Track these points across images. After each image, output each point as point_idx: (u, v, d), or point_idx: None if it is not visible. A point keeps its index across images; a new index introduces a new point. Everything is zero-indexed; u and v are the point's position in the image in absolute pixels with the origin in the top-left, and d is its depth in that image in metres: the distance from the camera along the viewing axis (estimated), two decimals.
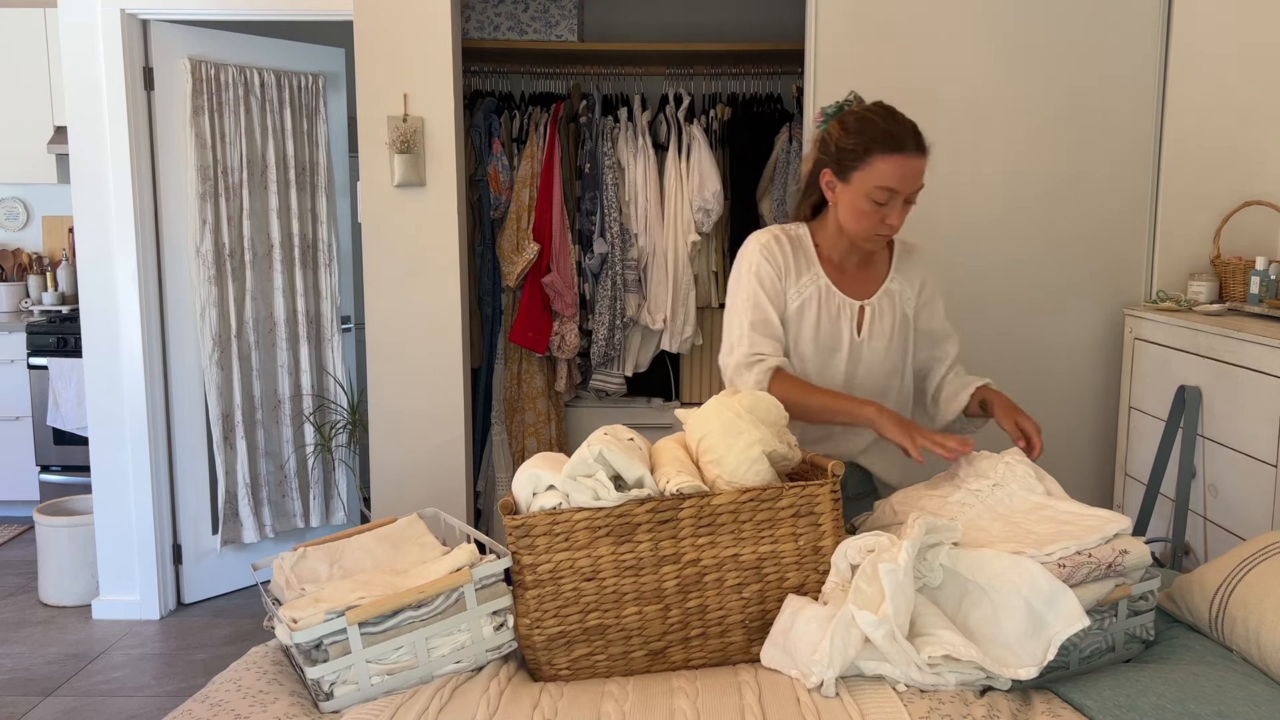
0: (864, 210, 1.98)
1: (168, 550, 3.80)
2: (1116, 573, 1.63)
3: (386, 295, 3.28)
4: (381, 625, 1.63)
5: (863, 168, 1.96)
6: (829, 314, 2.09)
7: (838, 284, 2.10)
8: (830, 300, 2.09)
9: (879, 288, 2.13)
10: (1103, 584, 1.62)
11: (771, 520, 1.74)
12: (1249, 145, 3.02)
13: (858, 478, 2.22)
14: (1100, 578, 1.62)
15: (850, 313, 2.10)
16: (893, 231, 2.00)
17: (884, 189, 1.95)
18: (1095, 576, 1.61)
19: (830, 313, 2.09)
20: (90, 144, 3.57)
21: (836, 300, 2.09)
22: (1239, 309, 2.81)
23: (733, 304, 2.09)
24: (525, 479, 1.75)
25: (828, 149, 2.03)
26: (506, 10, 3.77)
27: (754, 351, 2.03)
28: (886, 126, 1.98)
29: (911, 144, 1.97)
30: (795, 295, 2.08)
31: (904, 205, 1.99)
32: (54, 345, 4.61)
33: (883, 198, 1.96)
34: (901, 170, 1.95)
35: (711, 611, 1.74)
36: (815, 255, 2.10)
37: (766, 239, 2.09)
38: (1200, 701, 1.49)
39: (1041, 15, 3.03)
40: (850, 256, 2.12)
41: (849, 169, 1.99)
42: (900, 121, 2.00)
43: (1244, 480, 2.48)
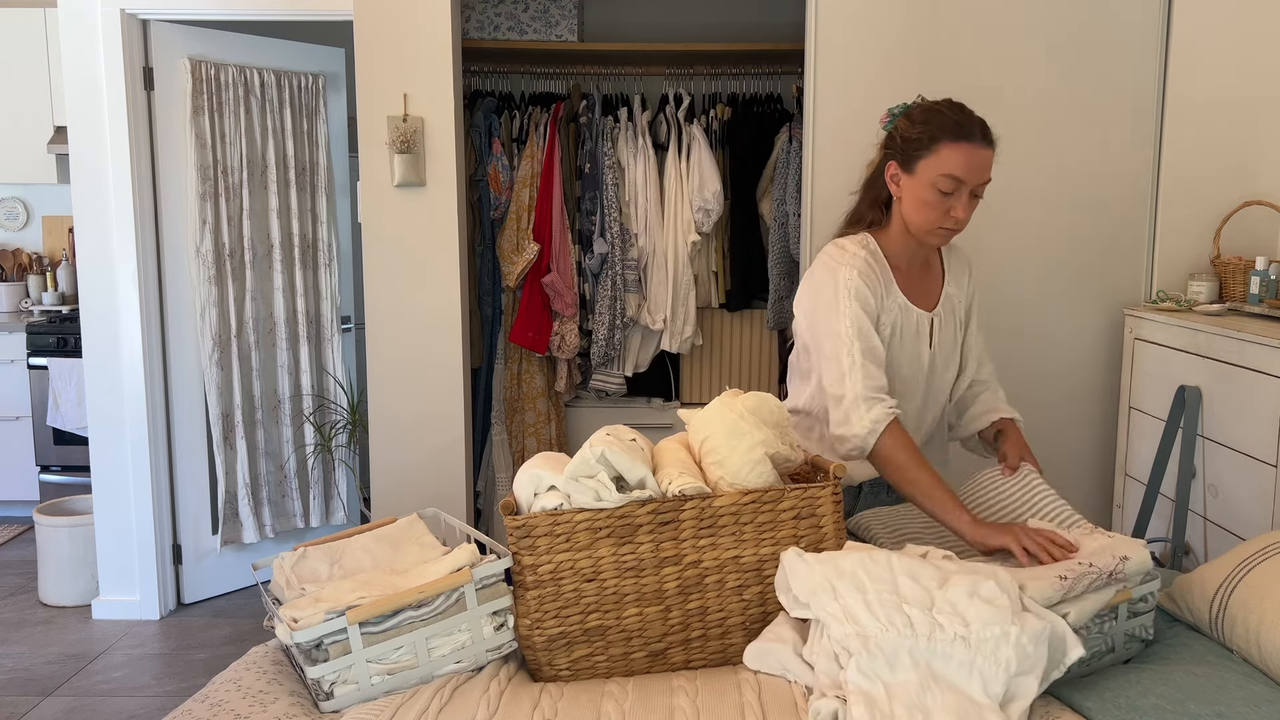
0: (929, 201, 1.95)
1: (168, 550, 3.80)
2: (1117, 579, 1.63)
3: (386, 295, 3.28)
4: (382, 625, 1.63)
5: (929, 156, 1.94)
6: (910, 333, 2.06)
7: (910, 296, 2.07)
8: (909, 318, 2.06)
9: (940, 294, 2.12)
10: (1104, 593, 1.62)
11: (773, 522, 1.74)
12: (1249, 145, 3.02)
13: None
14: (1102, 587, 1.61)
15: (925, 327, 2.08)
16: (958, 225, 1.96)
17: (950, 177, 1.92)
18: (1097, 586, 1.60)
19: (911, 331, 2.06)
20: (90, 144, 3.57)
21: (914, 317, 2.06)
22: (1239, 309, 2.81)
23: (833, 328, 1.97)
24: (526, 479, 1.75)
25: (894, 143, 2.01)
26: (506, 10, 3.77)
27: (875, 386, 1.93)
28: (954, 116, 1.97)
29: (979, 134, 1.95)
30: (886, 319, 2.03)
31: (970, 199, 1.95)
32: (54, 345, 4.61)
33: (948, 187, 1.93)
34: (968, 159, 1.92)
35: (712, 613, 1.74)
36: (890, 270, 2.04)
37: (861, 263, 1.99)
38: (1200, 701, 1.49)
39: (1041, 15, 3.03)
40: (915, 259, 2.09)
41: (915, 158, 1.96)
42: (968, 113, 1.99)
43: (1244, 480, 2.48)
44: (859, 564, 1.58)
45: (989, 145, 1.96)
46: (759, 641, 1.70)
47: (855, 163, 3.08)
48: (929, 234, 1.99)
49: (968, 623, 1.48)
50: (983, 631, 1.47)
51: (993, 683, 1.45)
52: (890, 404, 1.93)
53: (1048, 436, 3.16)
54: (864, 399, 1.92)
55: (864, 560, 1.59)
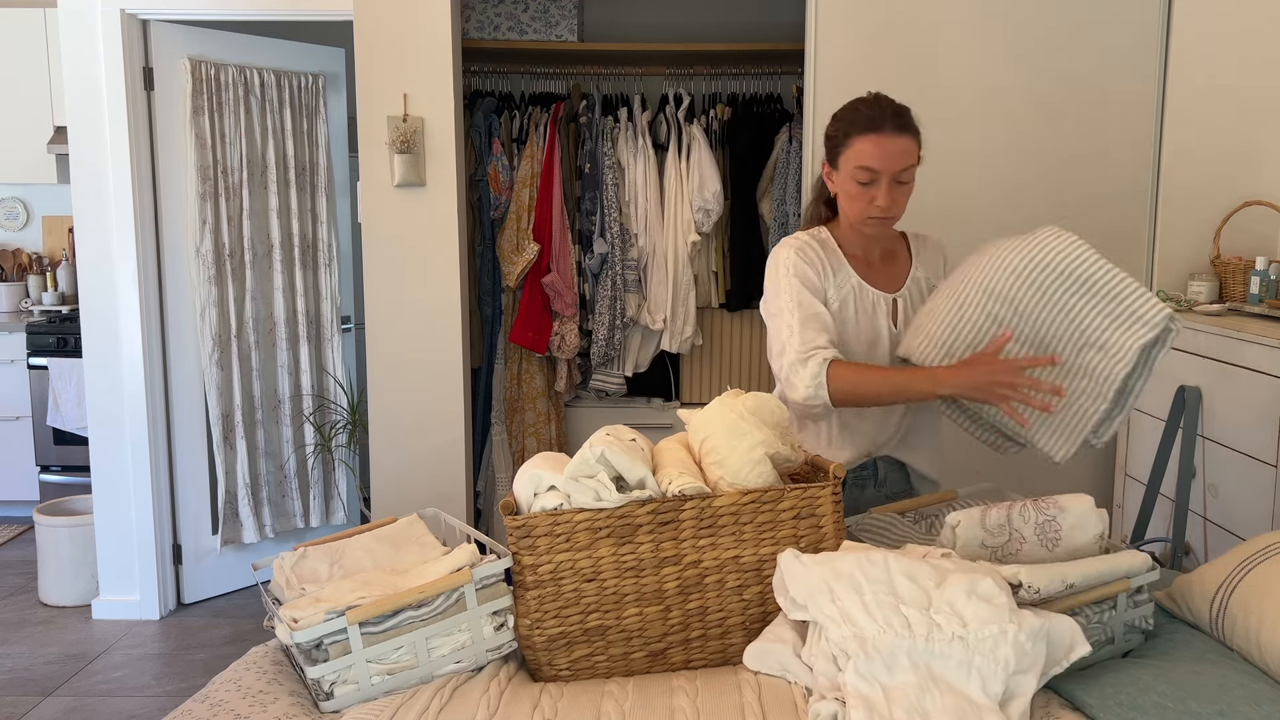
0: (853, 193, 2.02)
1: (168, 550, 3.80)
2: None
3: (386, 295, 3.28)
4: (382, 625, 1.63)
5: (846, 150, 2.01)
6: (865, 310, 2.10)
7: (868, 279, 2.12)
8: (864, 297, 2.10)
9: (906, 279, 2.15)
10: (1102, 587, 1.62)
11: (773, 522, 1.74)
12: (1249, 145, 3.02)
13: (896, 475, 2.22)
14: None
15: (885, 306, 2.12)
16: (883, 212, 2.00)
17: (864, 169, 1.98)
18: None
19: (866, 309, 2.10)
20: (90, 144, 3.57)
21: (870, 296, 2.11)
22: (1239, 309, 2.81)
23: (775, 308, 2.06)
24: (526, 479, 1.75)
25: (825, 142, 2.09)
26: (506, 10, 3.77)
27: (808, 346, 1.98)
28: (867, 110, 2.02)
29: (890, 124, 1.99)
30: (834, 295, 2.08)
31: (893, 185, 1.99)
32: (54, 345, 4.61)
33: (865, 178, 1.99)
34: (878, 149, 1.97)
35: (712, 613, 1.74)
36: (842, 255, 2.12)
37: (799, 244, 2.10)
38: (1201, 700, 1.49)
39: (1042, 15, 3.03)
40: (872, 250, 2.14)
41: (837, 154, 2.04)
42: (883, 105, 2.03)
43: (1244, 480, 2.48)
44: (856, 565, 1.58)
45: (904, 133, 2.00)
46: (759, 642, 1.70)
47: None
48: (861, 224, 2.05)
49: (965, 622, 1.48)
50: (980, 630, 1.47)
51: (991, 682, 1.45)
52: (824, 355, 1.96)
53: None
54: (800, 360, 1.97)
55: (861, 561, 1.59)
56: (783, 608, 1.66)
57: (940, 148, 3.10)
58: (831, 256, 2.10)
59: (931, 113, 3.07)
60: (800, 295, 2.04)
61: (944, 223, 3.11)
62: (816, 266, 2.07)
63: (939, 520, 2.10)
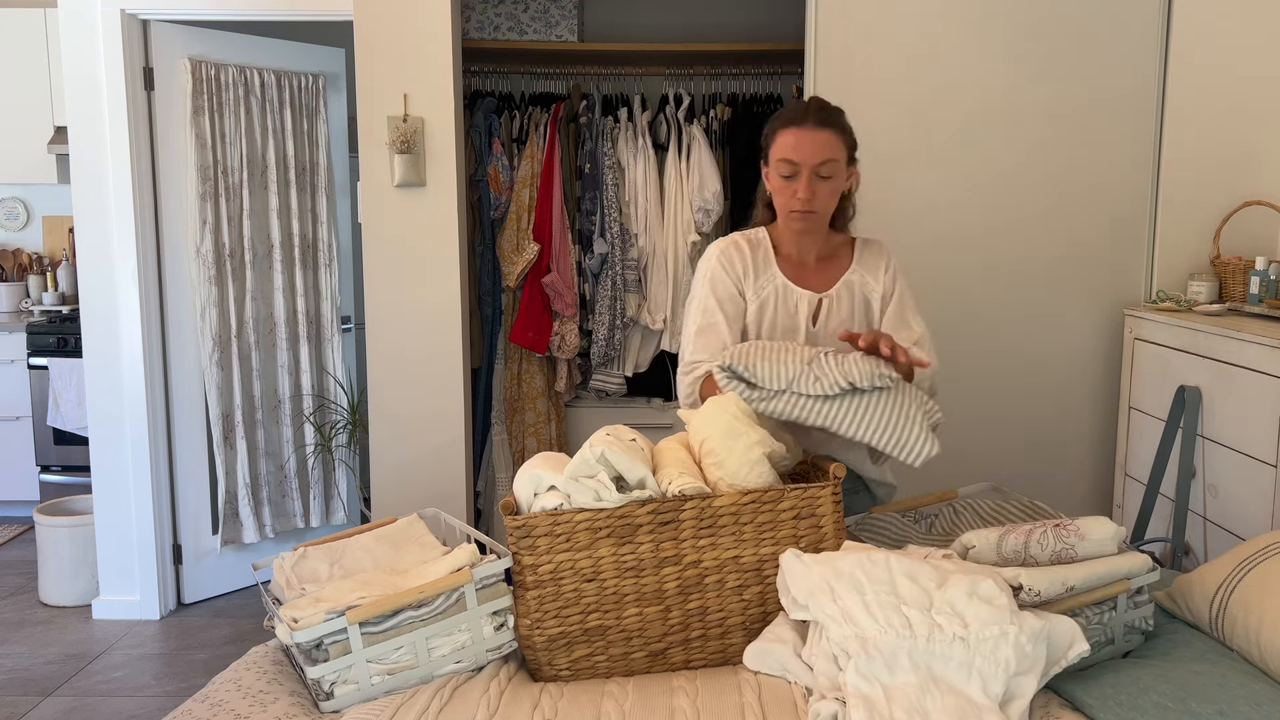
0: (778, 186, 2.07)
1: (168, 550, 3.80)
2: None
3: (386, 295, 3.28)
4: (382, 625, 1.63)
5: (772, 145, 2.07)
6: (786, 310, 2.14)
7: (797, 280, 2.15)
8: (788, 297, 2.14)
9: (840, 279, 2.17)
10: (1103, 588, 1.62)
11: (773, 522, 1.74)
12: (1248, 145, 3.02)
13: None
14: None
15: (808, 305, 2.14)
16: (804, 205, 2.04)
17: (784, 161, 2.03)
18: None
19: (788, 308, 2.14)
20: (90, 144, 3.57)
21: (794, 296, 2.14)
22: (1239, 309, 2.81)
23: (689, 310, 2.18)
24: (526, 479, 1.75)
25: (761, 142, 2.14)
26: (506, 10, 3.77)
27: (691, 360, 2.10)
28: (794, 107, 2.10)
29: (811, 118, 2.03)
30: (754, 296, 2.13)
31: (813, 179, 2.02)
32: (54, 345, 4.61)
33: (786, 170, 2.04)
34: (797, 141, 2.02)
35: (712, 613, 1.74)
36: (773, 255, 2.16)
37: (725, 245, 2.17)
38: (1202, 700, 1.49)
39: (1041, 16, 3.03)
40: (807, 251, 2.17)
41: (767, 151, 2.10)
42: (810, 102, 2.10)
43: (1244, 480, 2.48)
44: (857, 565, 1.58)
45: (824, 127, 2.04)
46: (759, 642, 1.70)
47: None
48: (787, 218, 2.09)
49: (966, 623, 1.48)
50: (981, 632, 1.47)
51: (992, 683, 1.45)
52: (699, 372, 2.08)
53: (1048, 436, 3.17)
54: (684, 371, 2.12)
55: (862, 561, 1.59)
56: (785, 607, 1.66)
57: (940, 146, 3.11)
58: (760, 256, 2.15)
59: (931, 112, 3.09)
60: (706, 302, 2.12)
61: (944, 222, 3.11)
62: (736, 271, 2.13)
63: (939, 520, 2.11)
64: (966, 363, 3.15)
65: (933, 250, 3.12)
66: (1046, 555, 1.68)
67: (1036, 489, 2.80)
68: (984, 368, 3.15)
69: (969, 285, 3.12)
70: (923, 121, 3.09)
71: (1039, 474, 3.15)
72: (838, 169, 2.05)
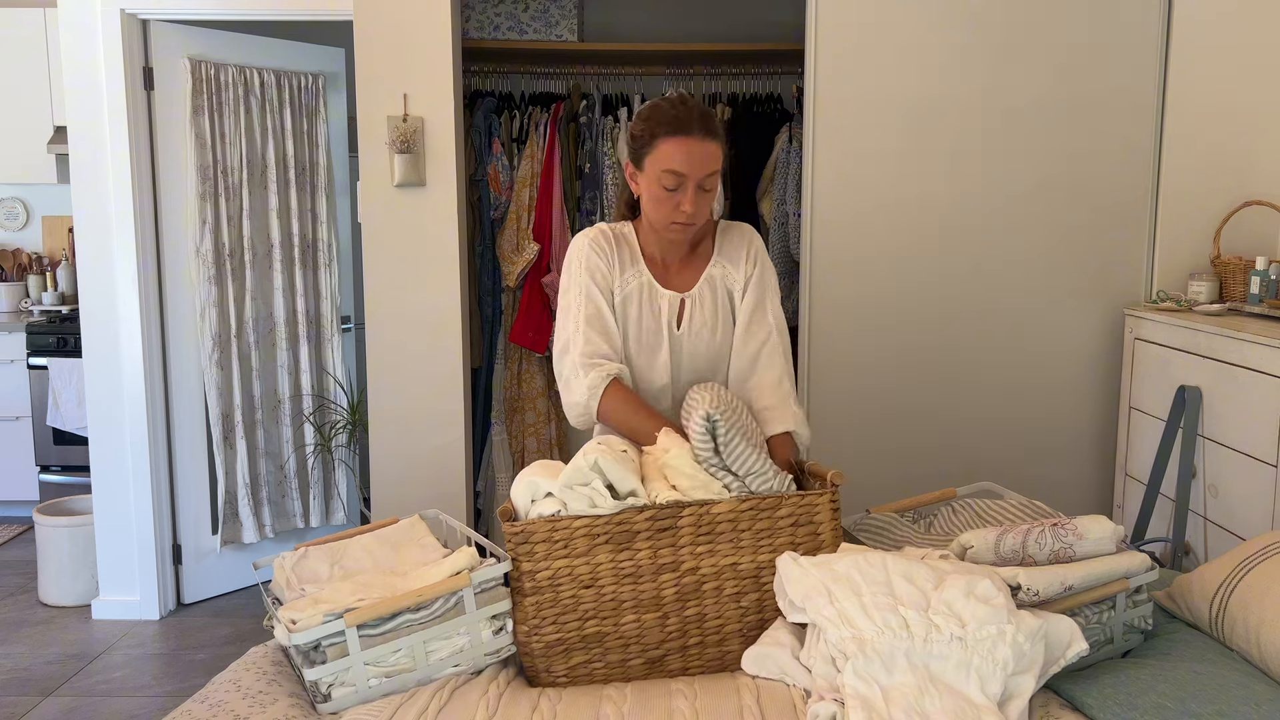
0: (659, 197, 1.98)
1: (168, 550, 3.80)
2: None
3: (386, 295, 3.28)
4: (380, 628, 1.63)
5: (652, 152, 1.97)
6: (650, 310, 2.08)
7: (661, 279, 2.10)
8: (652, 296, 2.08)
9: (702, 275, 2.11)
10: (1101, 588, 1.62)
11: (771, 529, 1.73)
12: (1249, 145, 3.01)
13: None
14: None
15: (671, 307, 2.08)
16: (688, 219, 1.97)
17: (671, 172, 1.94)
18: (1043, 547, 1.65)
19: (652, 309, 2.08)
20: (90, 144, 3.57)
21: (658, 296, 2.08)
22: (1239, 309, 2.81)
23: (565, 302, 2.08)
24: (524, 487, 1.74)
25: (629, 142, 2.05)
26: (506, 10, 3.77)
27: (592, 351, 2.00)
28: (673, 111, 1.97)
29: (697, 127, 1.95)
30: (620, 289, 2.08)
31: (698, 191, 1.96)
32: (54, 345, 4.61)
33: (671, 182, 1.95)
34: (686, 151, 1.93)
35: (710, 620, 1.73)
36: (639, 252, 2.10)
37: (594, 234, 2.10)
38: (1201, 700, 1.49)
39: (1042, 15, 3.02)
40: (671, 251, 2.11)
41: (642, 155, 1.99)
42: (688, 107, 1.99)
43: (1244, 480, 2.48)
44: (854, 566, 1.58)
45: (710, 138, 1.96)
46: (757, 646, 1.70)
47: (855, 163, 3.10)
48: (665, 229, 2.02)
49: (964, 623, 1.48)
50: (979, 631, 1.47)
51: (990, 682, 1.45)
52: (609, 368, 1.99)
53: (1048, 436, 3.17)
54: (582, 365, 1.99)
55: (859, 563, 1.59)
56: (783, 610, 1.66)
57: (940, 146, 3.10)
58: (626, 251, 2.10)
59: (931, 112, 3.09)
60: (589, 290, 2.04)
61: (944, 222, 3.11)
62: (608, 258, 2.07)
63: (938, 519, 2.11)
64: (967, 362, 3.15)
65: (933, 249, 3.12)
66: (1045, 555, 1.68)
67: (1037, 489, 2.80)
68: (984, 367, 3.15)
69: (968, 285, 3.12)
70: (922, 121, 3.09)
71: (1039, 474, 3.15)
72: (717, 180, 1.99)
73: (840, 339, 3.14)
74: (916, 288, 3.13)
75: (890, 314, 3.13)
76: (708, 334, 2.09)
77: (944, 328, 3.15)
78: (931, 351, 3.14)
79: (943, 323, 3.14)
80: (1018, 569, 1.60)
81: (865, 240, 3.11)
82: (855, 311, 3.13)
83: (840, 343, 3.14)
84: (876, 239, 3.11)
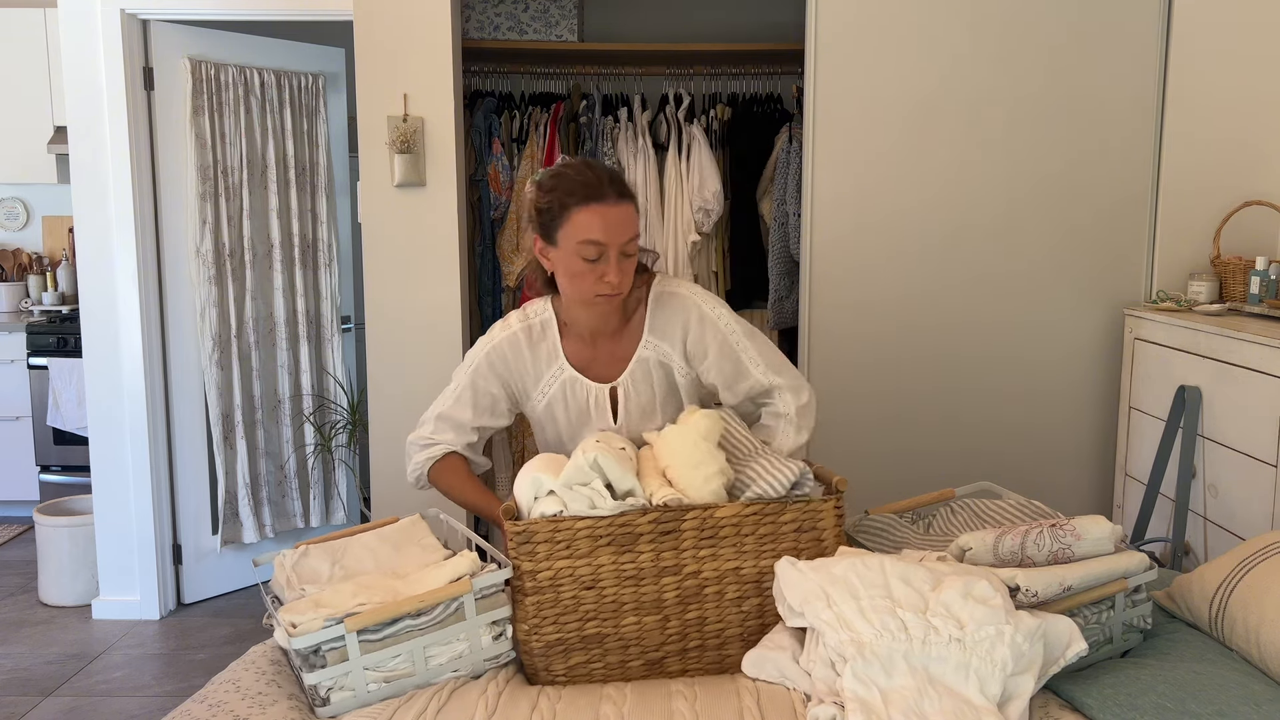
0: (578, 270, 1.85)
1: (168, 550, 3.80)
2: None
3: (386, 295, 3.28)
4: (380, 633, 1.63)
5: (564, 225, 1.84)
6: (577, 406, 1.99)
7: (586, 368, 1.99)
8: (576, 392, 1.99)
9: (632, 358, 1.98)
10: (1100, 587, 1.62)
11: (774, 534, 1.73)
12: (1249, 145, 3.01)
13: None
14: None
15: (599, 399, 1.98)
16: (615, 289, 1.85)
17: (590, 242, 1.82)
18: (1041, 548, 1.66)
19: (579, 405, 1.99)
20: (90, 144, 3.57)
21: (584, 391, 1.98)
22: (1239, 309, 2.81)
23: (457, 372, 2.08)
24: (528, 483, 1.74)
25: (531, 216, 1.92)
26: (506, 10, 3.77)
27: (432, 438, 2.06)
28: (580, 177, 1.85)
29: (611, 191, 1.83)
30: (540, 396, 2.00)
31: (621, 258, 1.84)
32: (54, 345, 4.61)
33: (592, 253, 1.82)
34: (601, 220, 1.81)
35: (710, 624, 1.73)
36: (559, 343, 1.99)
37: (500, 340, 2.01)
38: (1201, 700, 1.49)
39: (1042, 15, 3.02)
40: (600, 327, 1.98)
41: (553, 230, 1.86)
42: (596, 171, 1.87)
43: (1244, 480, 2.48)
44: (851, 569, 1.58)
45: (625, 200, 1.85)
46: (757, 649, 1.70)
47: (855, 162, 3.10)
48: (588, 304, 1.90)
49: (962, 624, 1.48)
50: (977, 632, 1.47)
51: (989, 683, 1.45)
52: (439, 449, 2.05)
53: (1048, 436, 3.17)
54: (419, 445, 2.08)
55: (856, 566, 1.59)
56: (782, 615, 1.66)
57: (940, 146, 3.10)
58: (544, 349, 1.99)
59: (931, 111, 3.09)
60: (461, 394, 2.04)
61: (944, 222, 3.11)
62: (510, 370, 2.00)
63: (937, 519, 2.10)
64: (965, 362, 3.15)
65: (932, 249, 3.12)
66: (1044, 556, 1.67)
67: (1036, 489, 2.80)
68: (984, 367, 3.15)
69: (968, 284, 3.12)
70: (922, 120, 3.09)
71: (1039, 474, 3.15)
72: (637, 245, 1.87)
73: (840, 338, 3.14)
74: (916, 287, 3.13)
75: (889, 314, 3.13)
76: (643, 417, 2.00)
77: (943, 327, 3.15)
78: (930, 351, 3.14)
79: (942, 322, 3.14)
80: (1016, 570, 1.60)
81: (865, 240, 3.12)
82: (855, 311, 3.13)
83: (840, 342, 3.14)
84: (876, 239, 3.11)
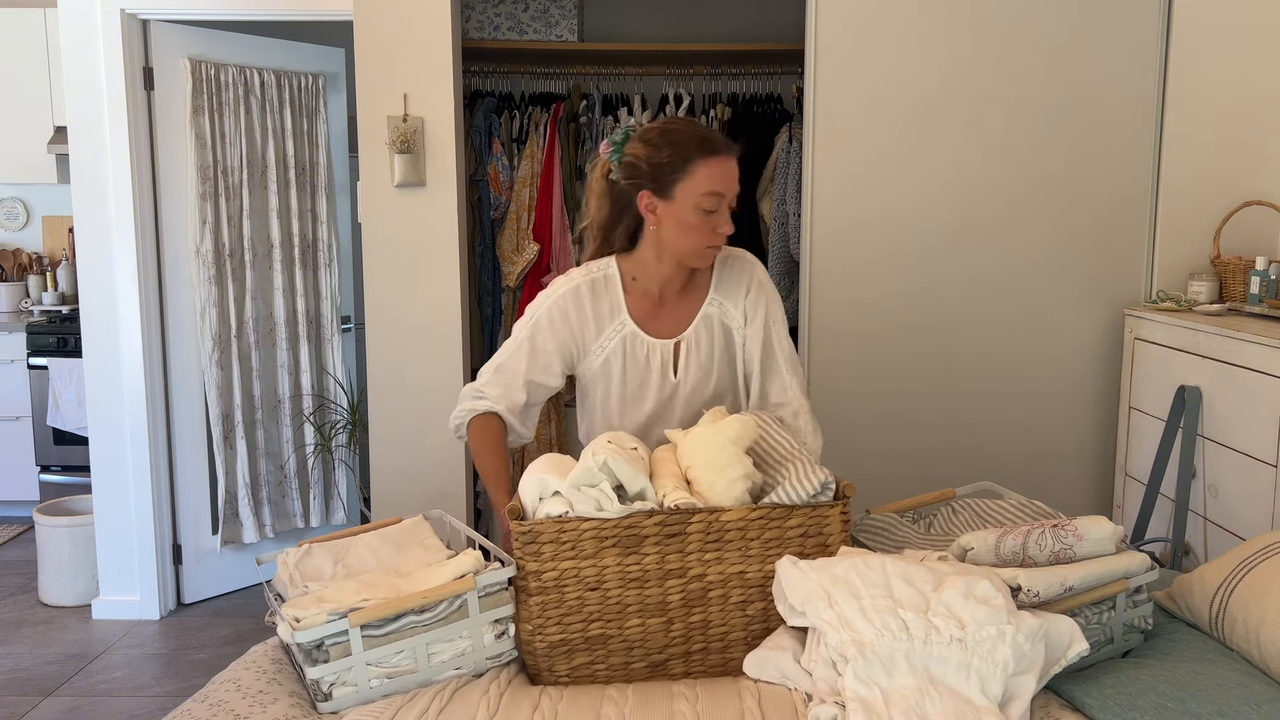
0: (693, 223, 1.91)
1: (168, 550, 3.80)
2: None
3: (386, 295, 3.28)
4: (384, 629, 1.63)
5: (685, 178, 1.89)
6: (636, 364, 2.01)
7: (648, 325, 2.01)
8: (636, 348, 2.01)
9: (697, 314, 2.03)
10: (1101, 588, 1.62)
11: (780, 539, 1.72)
12: (1249, 145, 3.02)
13: None
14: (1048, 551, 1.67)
15: (663, 355, 2.01)
16: (723, 240, 1.94)
17: (712, 194, 1.89)
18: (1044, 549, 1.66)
19: (638, 362, 2.01)
20: (90, 144, 3.57)
21: (644, 347, 2.01)
22: (1239, 309, 2.81)
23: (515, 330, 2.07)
24: (533, 483, 1.74)
25: (639, 171, 1.93)
26: (506, 10, 3.77)
27: (482, 391, 2.07)
28: (696, 132, 1.93)
29: (724, 145, 1.92)
30: (599, 351, 2.01)
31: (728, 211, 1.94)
32: (54, 345, 4.61)
33: (711, 204, 1.90)
34: (724, 171, 1.90)
35: (714, 627, 1.73)
36: (622, 299, 2.01)
37: (563, 292, 2.01)
38: (1201, 701, 1.49)
39: (1042, 15, 3.03)
40: (671, 284, 2.02)
41: (671, 183, 1.90)
42: (702, 126, 1.98)
43: (1244, 480, 2.49)
44: (852, 569, 1.58)
45: (734, 154, 1.93)
46: (759, 649, 1.70)
47: (855, 162, 3.10)
48: (697, 256, 1.96)
49: (963, 624, 1.48)
50: (978, 632, 1.47)
51: (991, 683, 1.45)
52: (482, 405, 2.06)
53: (1048, 436, 3.17)
54: (468, 394, 2.10)
55: (858, 565, 1.58)
56: (783, 615, 1.66)
57: (940, 146, 3.11)
58: (606, 304, 2.01)
59: (931, 111, 3.09)
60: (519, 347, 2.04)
61: (944, 222, 3.11)
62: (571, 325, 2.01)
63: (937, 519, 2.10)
64: (966, 362, 3.15)
65: (932, 249, 3.12)
66: (1045, 556, 1.67)
67: (1037, 489, 2.81)
68: (984, 368, 3.15)
69: (968, 284, 3.13)
70: (922, 120, 3.09)
71: (1039, 474, 3.15)
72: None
73: (840, 338, 3.14)
74: (916, 287, 3.13)
75: (890, 313, 3.13)
76: (700, 376, 2.03)
77: (943, 327, 3.15)
78: (931, 351, 3.14)
79: (942, 322, 3.15)
80: (1017, 570, 1.60)
81: (865, 240, 3.12)
82: (855, 311, 3.14)
83: (840, 342, 3.15)
84: (876, 238, 3.12)
